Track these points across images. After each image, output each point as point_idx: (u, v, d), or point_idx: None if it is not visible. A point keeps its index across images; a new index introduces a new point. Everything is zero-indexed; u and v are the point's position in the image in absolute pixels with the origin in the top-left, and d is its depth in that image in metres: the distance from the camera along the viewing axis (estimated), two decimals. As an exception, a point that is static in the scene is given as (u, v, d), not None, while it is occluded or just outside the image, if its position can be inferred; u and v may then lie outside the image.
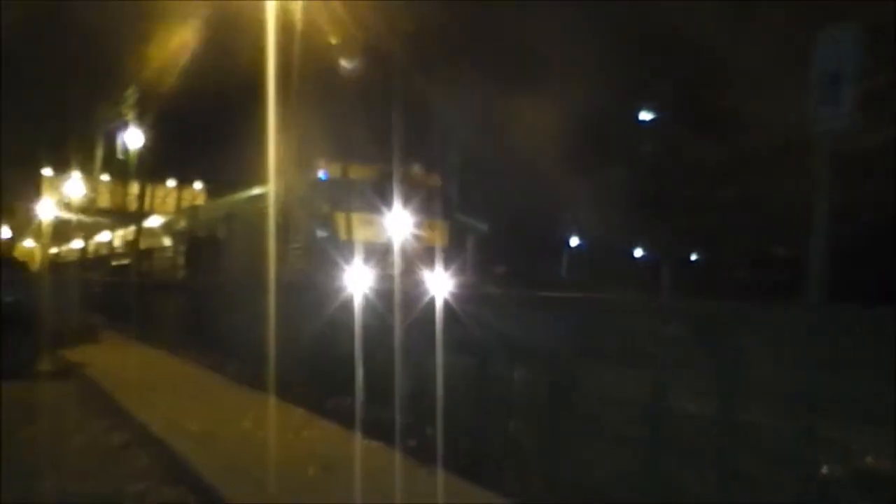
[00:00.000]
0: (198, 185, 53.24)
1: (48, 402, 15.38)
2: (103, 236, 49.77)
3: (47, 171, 51.20)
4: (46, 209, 52.31)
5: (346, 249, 21.05)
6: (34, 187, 53.34)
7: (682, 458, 7.30)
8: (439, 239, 23.70)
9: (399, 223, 22.40)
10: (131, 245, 40.39)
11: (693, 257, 39.66)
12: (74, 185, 49.06)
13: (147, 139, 36.33)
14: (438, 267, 15.86)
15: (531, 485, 8.08)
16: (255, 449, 9.60)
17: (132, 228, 40.80)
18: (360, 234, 23.45)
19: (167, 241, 38.72)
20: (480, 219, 26.86)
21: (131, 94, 33.99)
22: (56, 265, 46.92)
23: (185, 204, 49.72)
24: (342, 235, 23.87)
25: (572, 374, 8.53)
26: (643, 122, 37.73)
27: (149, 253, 39.06)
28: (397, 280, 13.42)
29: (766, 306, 8.98)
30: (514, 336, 9.19)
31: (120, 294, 30.50)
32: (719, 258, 35.50)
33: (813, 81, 8.47)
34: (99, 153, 42.12)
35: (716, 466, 6.98)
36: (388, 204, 22.29)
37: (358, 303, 11.96)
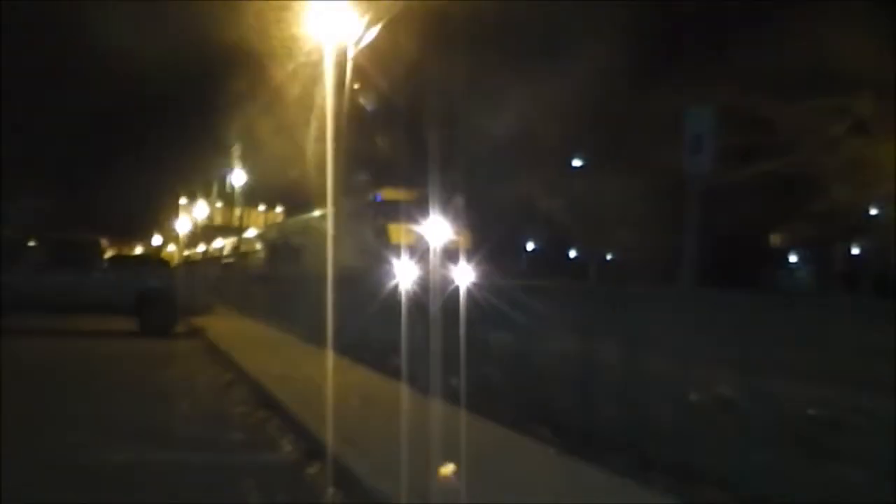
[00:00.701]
0: (279, 209, 53.20)
1: (181, 352, 15.50)
2: (217, 243, 49.93)
3: (182, 200, 51.28)
4: (182, 225, 52.70)
5: (393, 250, 20.10)
6: (174, 211, 53.73)
7: (601, 388, 7.35)
8: (462, 243, 21.68)
9: (430, 232, 21.48)
10: (235, 249, 40.60)
11: (609, 257, 39.79)
12: (199, 209, 49.22)
13: (246, 179, 36.68)
14: (451, 263, 15.16)
15: (499, 408, 8.08)
16: (315, 386, 9.61)
17: (235, 238, 41.00)
18: (403, 239, 21.81)
19: (258, 247, 38.82)
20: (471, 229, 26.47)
21: (235, 150, 34.26)
22: (187, 262, 46.98)
23: (269, 222, 49.71)
24: (391, 240, 22.78)
25: (531, 336, 8.55)
26: (575, 167, 37.80)
27: (246, 255, 39.19)
28: (421, 272, 13.15)
29: (655, 289, 9.03)
30: (497, 310, 9.17)
31: (227, 282, 30.56)
32: (627, 257, 35.61)
33: (685, 141, 8.53)
34: (215, 188, 42.57)
35: (622, 393, 7.03)
36: (422, 217, 21.40)
37: (391, 287, 11.98)
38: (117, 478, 6.50)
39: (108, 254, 19.83)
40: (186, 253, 54.62)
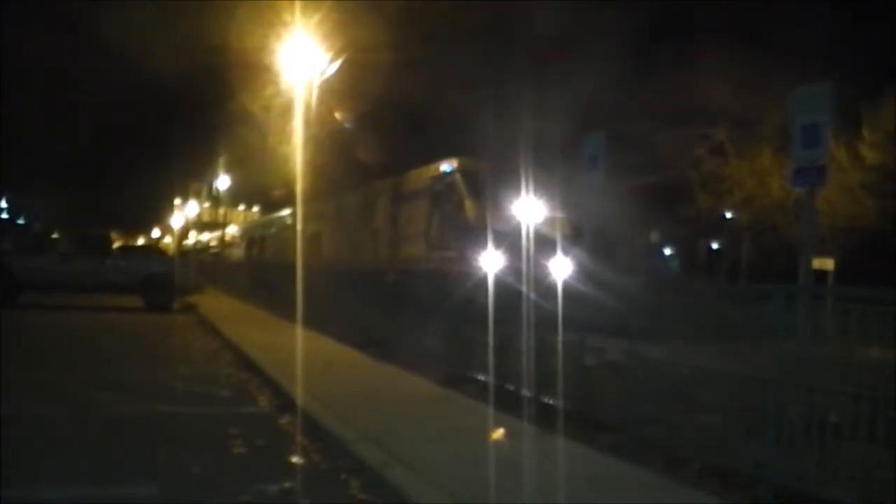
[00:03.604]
0: (255, 209, 52.39)
1: (178, 324, 15.12)
2: (204, 236, 49.13)
3: (177, 201, 50.12)
4: (176, 221, 51.71)
5: (477, 231, 13.08)
6: (170, 209, 52.64)
7: (514, 354, 7.33)
8: (561, 227, 13.06)
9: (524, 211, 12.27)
10: (220, 241, 40.04)
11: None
12: (191, 208, 48.22)
13: (229, 183, 36.37)
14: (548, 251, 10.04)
15: (428, 365, 7.95)
16: (287, 353, 9.40)
17: (220, 232, 40.51)
18: (490, 218, 13.24)
19: (238, 239, 38.27)
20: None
21: (221, 161, 33.72)
22: (181, 252, 45.93)
23: (248, 219, 48.98)
24: (470, 219, 14.16)
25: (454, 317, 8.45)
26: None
27: (228, 245, 38.63)
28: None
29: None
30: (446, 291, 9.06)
31: (214, 268, 30.11)
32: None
33: (585, 159, 8.59)
34: (204, 191, 41.88)
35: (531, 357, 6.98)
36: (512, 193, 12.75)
37: (354, 273, 11.78)
38: (133, 426, 6.37)
39: (117, 244, 19.34)
40: (180, 244, 53.53)
